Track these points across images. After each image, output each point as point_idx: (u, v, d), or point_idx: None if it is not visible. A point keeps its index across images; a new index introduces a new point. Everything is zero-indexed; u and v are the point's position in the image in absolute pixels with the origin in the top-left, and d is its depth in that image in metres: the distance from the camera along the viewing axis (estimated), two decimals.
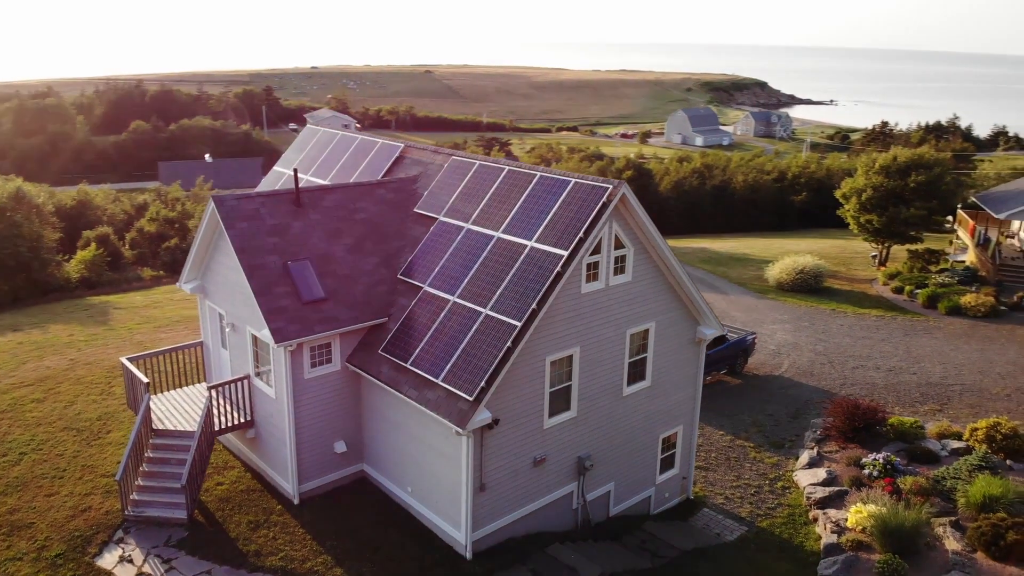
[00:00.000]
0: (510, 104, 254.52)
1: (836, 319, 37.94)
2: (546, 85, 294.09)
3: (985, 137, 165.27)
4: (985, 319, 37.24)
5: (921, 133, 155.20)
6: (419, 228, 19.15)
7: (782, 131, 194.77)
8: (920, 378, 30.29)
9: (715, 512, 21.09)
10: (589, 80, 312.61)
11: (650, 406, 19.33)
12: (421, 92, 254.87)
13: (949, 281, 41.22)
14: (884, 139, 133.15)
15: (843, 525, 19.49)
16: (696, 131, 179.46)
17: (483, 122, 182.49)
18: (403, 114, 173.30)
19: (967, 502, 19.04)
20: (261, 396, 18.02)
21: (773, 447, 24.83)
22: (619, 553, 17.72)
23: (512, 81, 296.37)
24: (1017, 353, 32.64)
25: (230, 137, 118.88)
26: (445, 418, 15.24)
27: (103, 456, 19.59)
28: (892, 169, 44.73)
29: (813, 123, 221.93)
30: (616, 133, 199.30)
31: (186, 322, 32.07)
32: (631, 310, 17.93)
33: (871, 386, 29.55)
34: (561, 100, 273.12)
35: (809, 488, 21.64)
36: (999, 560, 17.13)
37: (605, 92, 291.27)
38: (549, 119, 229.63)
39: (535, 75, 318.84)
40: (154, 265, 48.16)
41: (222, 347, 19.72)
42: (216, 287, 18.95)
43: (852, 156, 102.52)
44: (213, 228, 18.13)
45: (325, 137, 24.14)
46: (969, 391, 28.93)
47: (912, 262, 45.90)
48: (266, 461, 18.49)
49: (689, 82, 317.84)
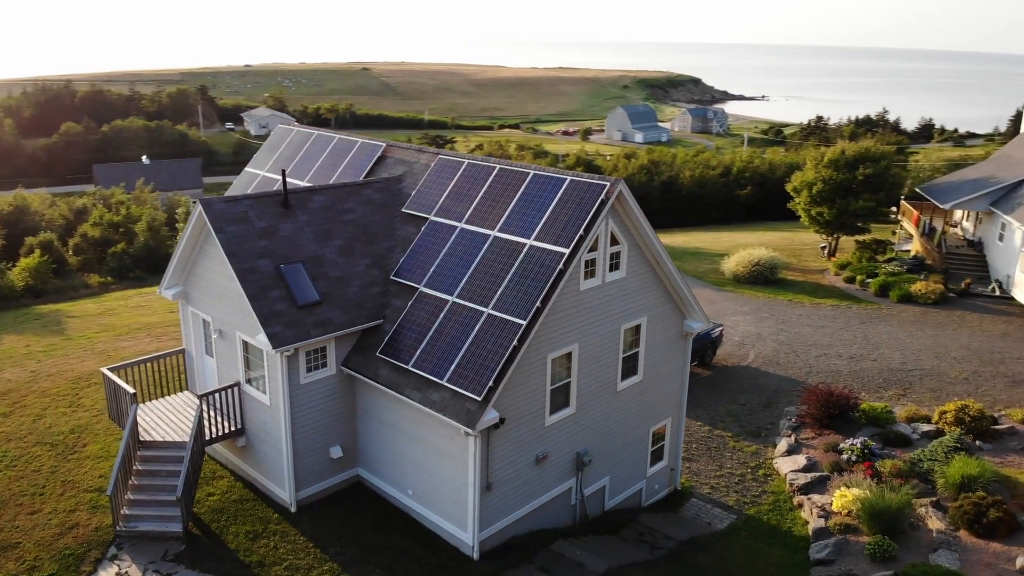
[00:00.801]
0: (449, 101, 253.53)
1: (794, 309, 38.95)
2: (485, 82, 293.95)
3: (913, 130, 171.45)
4: (935, 306, 38.72)
5: (852, 127, 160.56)
6: (408, 228, 18.95)
7: (718, 127, 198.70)
8: (881, 364, 31.32)
9: (703, 502, 21.46)
10: (528, 78, 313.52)
11: (642, 400, 19.54)
12: (358, 90, 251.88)
13: (898, 270, 42.73)
14: (820, 133, 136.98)
15: (828, 509, 20.04)
16: (636, 128, 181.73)
17: (425, 120, 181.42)
18: (343, 112, 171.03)
19: (946, 483, 19.77)
20: (253, 403, 17.60)
21: (750, 436, 25.38)
22: (619, 546, 17.89)
23: (451, 78, 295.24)
24: (970, 338, 34.04)
25: (166, 138, 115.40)
26: (453, 419, 15.13)
27: (82, 470, 18.86)
28: (841, 163, 46.12)
29: (746, 119, 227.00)
30: (557, 130, 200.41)
31: (147, 329, 31.10)
32: (625, 306, 18.09)
33: (836, 373, 30.43)
34: (501, 97, 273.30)
35: (791, 475, 22.18)
36: (982, 537, 17.85)
37: (544, 89, 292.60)
38: (490, 116, 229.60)
39: (474, 72, 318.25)
40: (100, 271, 46.49)
41: (206, 354, 19.18)
42: (201, 293, 18.41)
43: (791, 151, 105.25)
44: (198, 232, 17.61)
45: (299, 137, 23.67)
46: (929, 375, 30.04)
47: (861, 252, 47.42)
48: (258, 469, 18.07)
49: (626, 79, 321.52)
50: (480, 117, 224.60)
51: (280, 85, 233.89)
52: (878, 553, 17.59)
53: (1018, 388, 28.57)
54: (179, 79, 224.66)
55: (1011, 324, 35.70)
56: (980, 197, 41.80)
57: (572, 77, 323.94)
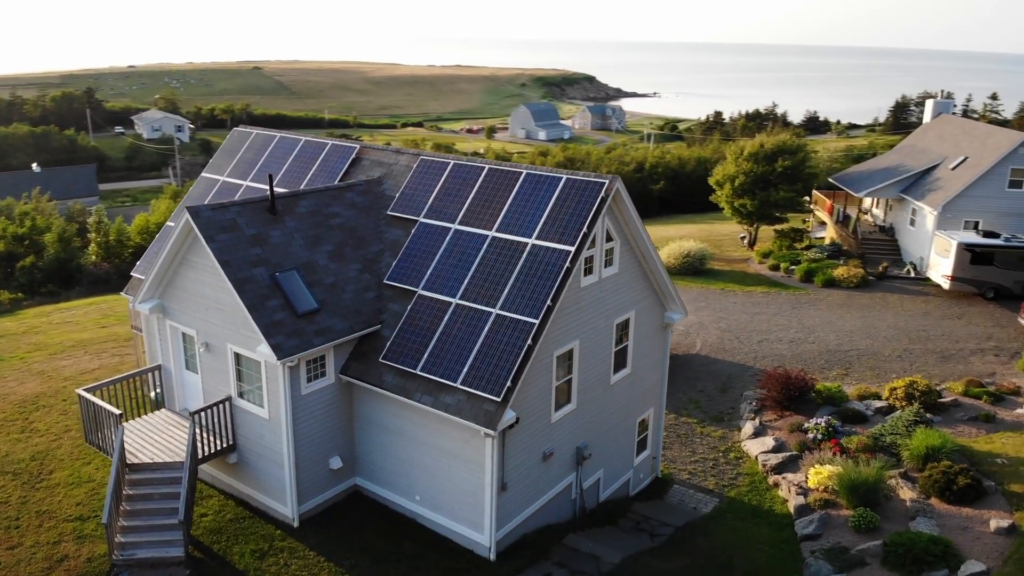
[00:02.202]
0: (346, 100, 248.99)
1: (728, 298, 40.41)
2: (382, 80, 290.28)
3: (799, 122, 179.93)
4: (857, 289, 40.95)
5: (743, 121, 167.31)
6: (396, 231, 18.67)
7: (617, 124, 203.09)
8: (820, 347, 32.93)
9: (685, 487, 22.08)
10: (425, 75, 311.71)
11: (630, 392, 19.95)
12: (251, 89, 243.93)
13: (819, 256, 44.97)
14: (720, 128, 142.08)
15: (805, 487, 20.99)
16: (539, 125, 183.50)
17: (325, 119, 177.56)
18: (239, 113, 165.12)
19: (911, 455, 21.04)
20: (247, 418, 16.96)
21: (714, 421, 26.26)
22: (622, 536, 18.22)
23: (346, 76, 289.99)
24: (895, 318, 36.21)
25: (54, 144, 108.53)
26: (471, 421, 15.06)
27: (56, 499, 17.70)
28: (760, 156, 48.09)
29: (641, 115, 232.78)
30: (461, 128, 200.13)
31: (83, 347, 29.38)
32: (617, 300, 18.43)
33: (780, 357, 31.81)
34: (399, 95, 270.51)
35: (762, 456, 23.10)
36: (953, 504, 19.10)
37: (442, 87, 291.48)
38: (390, 115, 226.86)
39: (370, 70, 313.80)
40: (9, 287, 43.48)
41: (187, 369, 18.34)
42: (182, 305, 17.58)
43: (694, 146, 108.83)
44: (181, 241, 16.81)
45: (259, 140, 22.88)
46: (865, 355, 31.80)
47: (780, 241, 49.61)
48: (253, 486, 17.43)
49: (523, 77, 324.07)
50: (380, 115, 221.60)
51: (167, 86, 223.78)
52: (862, 524, 18.57)
53: (948, 363, 30.63)
54: (60, 82, 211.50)
55: (930, 303, 38.19)
56: (891, 185, 44.49)
57: (470, 75, 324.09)
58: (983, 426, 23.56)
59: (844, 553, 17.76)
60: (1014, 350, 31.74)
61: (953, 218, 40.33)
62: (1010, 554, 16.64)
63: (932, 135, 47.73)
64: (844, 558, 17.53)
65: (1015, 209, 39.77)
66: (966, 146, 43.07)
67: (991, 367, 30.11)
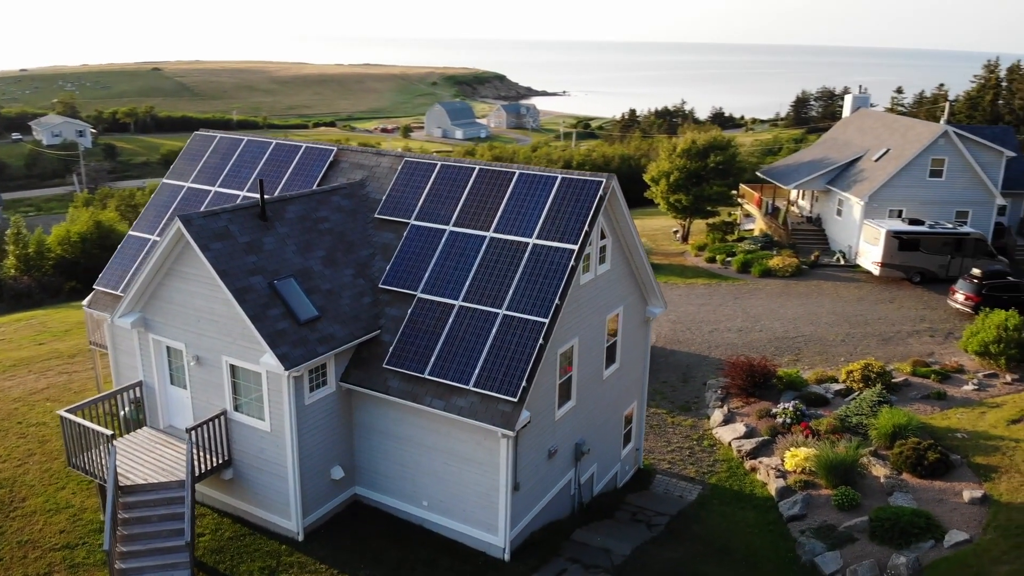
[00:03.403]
0: (252, 100, 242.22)
1: (672, 290, 41.41)
2: (289, 80, 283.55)
3: (706, 118, 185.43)
4: (793, 278, 42.68)
5: (652, 118, 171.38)
6: (386, 234, 18.40)
7: (532, 122, 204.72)
8: (767, 334, 34.17)
9: (667, 477, 22.58)
10: (334, 74, 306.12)
11: (619, 386, 20.28)
12: (151, 91, 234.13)
13: (753, 248, 46.62)
14: (636, 126, 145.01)
15: (782, 469, 21.80)
16: (455, 124, 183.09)
17: (234, 120, 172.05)
18: (143, 116, 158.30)
19: (879, 433, 22.13)
20: (245, 432, 16.41)
21: (682, 411, 26.93)
22: (622, 528, 18.52)
23: (252, 76, 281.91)
24: (832, 304, 37.90)
25: None
26: (487, 423, 15.02)
27: (36, 528, 16.71)
28: (692, 152, 49.49)
29: (554, 113, 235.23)
30: (375, 127, 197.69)
31: (26, 365, 27.73)
32: (609, 296, 18.71)
33: (732, 346, 32.85)
34: (307, 95, 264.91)
35: (736, 442, 23.84)
36: (925, 478, 20.21)
37: (351, 86, 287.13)
38: (299, 115, 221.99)
39: (276, 70, 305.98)
40: None
41: (172, 385, 17.59)
42: (168, 318, 16.84)
43: (614, 143, 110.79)
44: (169, 251, 16.10)
45: (225, 144, 22.12)
46: (811, 341, 33.19)
47: (713, 234, 51.20)
48: (251, 501, 16.88)
49: (434, 76, 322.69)
50: (289, 115, 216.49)
51: (63, 89, 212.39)
52: (845, 503, 19.44)
53: (888, 345, 32.29)
54: None
55: (862, 289, 40.15)
56: (819, 177, 46.53)
57: (379, 74, 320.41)
58: (936, 403, 24.98)
59: (832, 531, 18.56)
60: (947, 330, 33.74)
61: (879, 207, 42.50)
62: (987, 522, 17.74)
63: (853, 128, 50.13)
64: (833, 535, 18.32)
65: (935, 198, 42.22)
66: (887, 138, 45.45)
67: (928, 347, 31.91)
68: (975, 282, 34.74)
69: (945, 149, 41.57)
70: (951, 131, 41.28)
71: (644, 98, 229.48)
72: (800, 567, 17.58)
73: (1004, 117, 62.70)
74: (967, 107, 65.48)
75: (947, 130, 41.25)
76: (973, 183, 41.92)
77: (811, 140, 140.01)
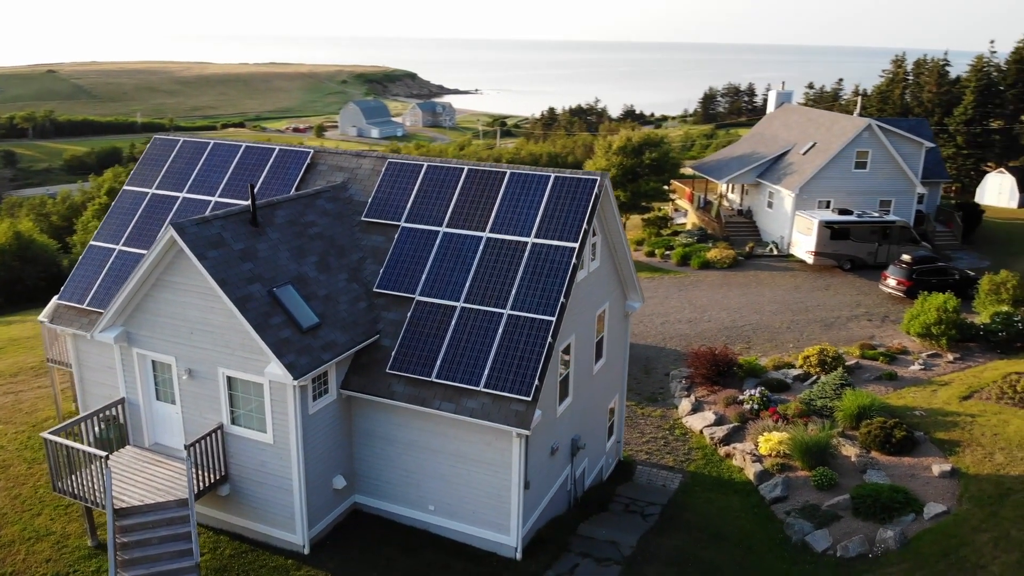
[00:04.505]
0: (154, 101, 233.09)
1: None
2: (192, 80, 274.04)
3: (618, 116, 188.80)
4: (731, 269, 44.03)
5: (568, 115, 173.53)
6: (375, 237, 18.11)
7: (448, 120, 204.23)
8: (716, 324, 35.20)
9: (647, 467, 23.03)
10: (239, 74, 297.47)
11: (605, 380, 20.58)
12: (47, 94, 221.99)
13: (690, 241, 47.88)
14: (555, 123, 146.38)
15: (757, 454, 22.56)
16: (370, 123, 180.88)
17: (137, 123, 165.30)
18: (42, 120, 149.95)
19: (844, 415, 23.14)
20: (244, 445, 15.89)
21: (650, 402, 27.49)
22: (619, 520, 18.81)
23: (153, 77, 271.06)
24: (772, 293, 39.34)
25: None
26: (501, 423, 15.03)
27: (18, 559, 15.75)
28: (628, 149, 50.44)
29: (468, 112, 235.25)
30: (286, 127, 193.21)
31: None
32: (599, 292, 18.97)
33: (685, 336, 33.71)
34: (212, 95, 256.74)
35: (707, 430, 24.51)
36: (893, 455, 21.27)
37: (258, 86, 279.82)
38: (205, 116, 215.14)
39: (178, 70, 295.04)
40: None
41: (158, 400, 16.86)
42: (155, 331, 16.12)
43: (535, 141, 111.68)
44: (158, 261, 15.42)
45: (189, 148, 21.28)
46: (759, 329, 34.38)
47: (649, 229, 52.33)
48: (250, 516, 16.36)
49: (343, 74, 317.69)
50: (194, 117, 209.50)
51: None
52: (824, 483, 20.28)
53: (831, 330, 33.77)
54: None
55: (798, 277, 41.81)
56: (749, 171, 48.15)
57: (286, 73, 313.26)
58: (889, 384, 26.32)
59: (816, 510, 19.34)
60: (883, 314, 35.53)
61: (808, 199, 44.34)
62: (960, 494, 18.85)
63: (778, 123, 52.10)
64: (819, 514, 19.10)
65: (860, 188, 44.35)
66: (812, 132, 47.44)
67: (868, 331, 33.53)
68: (906, 267, 36.69)
69: (869, 142, 43.71)
70: (874, 124, 43.45)
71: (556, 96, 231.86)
72: (792, 547, 18.26)
73: (913, 110, 66.37)
74: (878, 101, 68.98)
75: (870, 124, 43.39)
76: (895, 173, 44.24)
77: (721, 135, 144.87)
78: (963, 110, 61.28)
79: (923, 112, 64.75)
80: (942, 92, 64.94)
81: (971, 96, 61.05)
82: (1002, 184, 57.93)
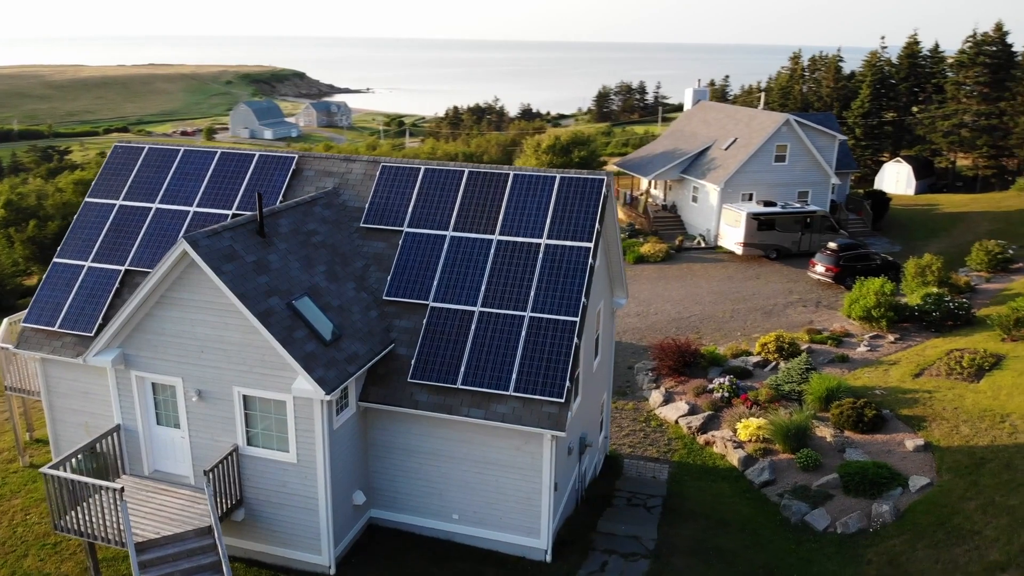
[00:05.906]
0: (26, 107, 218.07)
1: None
2: (66, 84, 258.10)
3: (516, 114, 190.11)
4: (664, 262, 45.22)
5: (469, 114, 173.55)
6: (376, 244, 17.66)
7: (344, 120, 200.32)
8: (664, 316, 36.13)
9: (634, 460, 23.42)
10: (116, 76, 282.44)
11: (600, 376, 20.80)
12: None
13: (622, 236, 48.89)
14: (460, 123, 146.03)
15: (737, 440, 23.33)
16: (263, 124, 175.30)
17: (14, 130, 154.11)
18: None
19: (814, 398, 24.22)
20: (262, 466, 15.20)
21: (620, 395, 27.93)
22: (629, 513, 19.07)
23: (21, 81, 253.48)
24: (708, 284, 40.67)
25: None
26: (533, 427, 14.98)
27: None
28: (557, 147, 51.04)
29: (362, 111, 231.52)
30: (173, 131, 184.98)
31: None
32: (598, 290, 19.14)
33: (638, 329, 34.44)
34: (88, 99, 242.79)
35: (683, 420, 25.14)
36: (866, 433, 22.44)
37: (137, 88, 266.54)
38: (83, 121, 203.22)
39: (49, 73, 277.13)
40: None
41: (159, 425, 15.88)
42: (159, 352, 15.17)
43: (445, 140, 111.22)
44: (164, 277, 14.52)
45: (156, 155, 20.10)
46: (704, 319, 35.50)
47: None
48: (268, 540, 15.67)
49: (227, 75, 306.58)
50: (72, 122, 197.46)
51: None
52: (808, 464, 21.19)
53: (772, 317, 35.26)
54: None
55: (728, 268, 43.38)
56: (673, 167, 49.56)
57: (167, 74, 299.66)
58: (843, 366, 27.72)
59: (807, 491, 20.19)
60: (815, 299, 37.35)
61: (733, 192, 46.07)
62: (939, 466, 20.09)
63: (697, 120, 53.85)
64: (810, 494, 19.96)
65: (781, 180, 46.43)
66: (732, 128, 49.30)
67: (805, 316, 35.19)
68: (832, 255, 38.70)
69: (787, 136, 45.82)
70: (792, 119, 45.58)
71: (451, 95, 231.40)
72: (793, 527, 19.00)
73: (813, 104, 70.05)
74: (779, 96, 72.41)
75: (789, 119, 45.50)
76: (812, 166, 46.56)
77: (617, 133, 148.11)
78: (860, 103, 65.22)
79: (823, 106, 68.44)
80: (839, 87, 68.88)
81: (867, 90, 65.07)
82: (899, 172, 61.97)
